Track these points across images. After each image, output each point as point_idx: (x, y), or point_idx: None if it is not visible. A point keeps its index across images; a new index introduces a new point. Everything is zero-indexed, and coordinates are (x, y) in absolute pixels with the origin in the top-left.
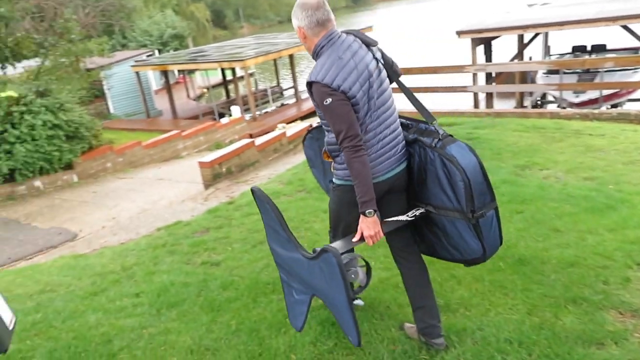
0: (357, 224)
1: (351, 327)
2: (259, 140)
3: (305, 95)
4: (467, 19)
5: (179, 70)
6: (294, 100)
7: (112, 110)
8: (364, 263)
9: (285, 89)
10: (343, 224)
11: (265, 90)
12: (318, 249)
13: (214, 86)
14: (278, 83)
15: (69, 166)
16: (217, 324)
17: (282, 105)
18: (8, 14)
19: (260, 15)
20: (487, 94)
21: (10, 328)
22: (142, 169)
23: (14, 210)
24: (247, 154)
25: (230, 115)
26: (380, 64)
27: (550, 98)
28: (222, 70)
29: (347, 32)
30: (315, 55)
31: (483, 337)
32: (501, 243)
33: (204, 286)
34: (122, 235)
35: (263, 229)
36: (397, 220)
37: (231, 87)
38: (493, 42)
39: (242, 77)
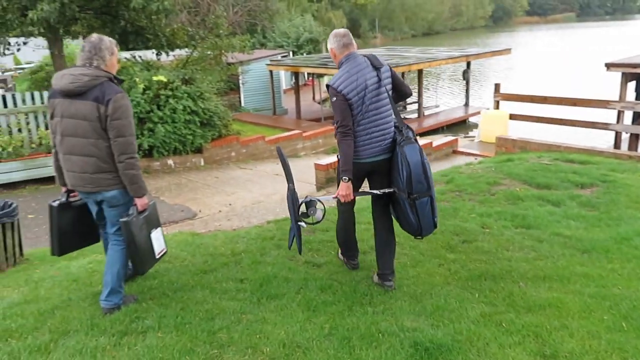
0: (356, 187)
1: (298, 241)
2: None
3: (428, 112)
4: (619, 51)
5: (308, 73)
6: (415, 115)
7: (243, 104)
8: (323, 207)
9: (409, 104)
10: None
11: None
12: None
13: None
14: None
15: (198, 150)
16: (311, 324)
17: (404, 118)
18: (170, 7)
19: (395, 27)
20: (632, 134)
21: (157, 257)
22: (262, 162)
23: (146, 182)
24: None
25: None
26: (381, 82)
27: None
28: None
29: (365, 55)
30: (338, 67)
31: None
32: (435, 227)
33: (304, 285)
34: (235, 222)
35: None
36: (369, 192)
37: None
38: None
39: None
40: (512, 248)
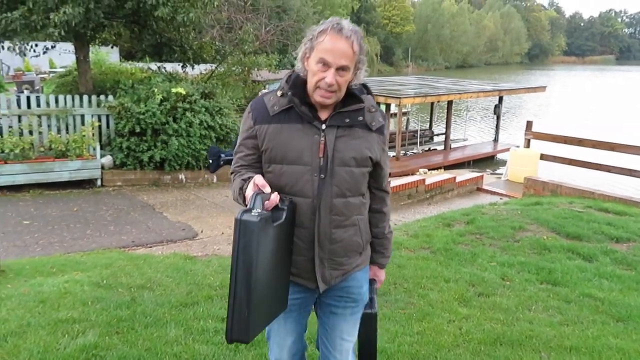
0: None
1: (214, 165)
2: (395, 182)
3: (455, 144)
4: None
5: None
6: (442, 147)
7: None
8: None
9: (437, 134)
10: None
11: (416, 131)
12: None
13: None
14: (430, 127)
15: None
16: None
17: (430, 150)
18: (196, 19)
19: (429, 57)
20: None
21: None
22: None
23: (153, 196)
24: None
25: None
26: None
27: None
28: (378, 103)
29: None
30: None
31: None
32: None
33: None
34: None
35: None
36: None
37: None
38: None
39: (394, 114)
40: (535, 308)
